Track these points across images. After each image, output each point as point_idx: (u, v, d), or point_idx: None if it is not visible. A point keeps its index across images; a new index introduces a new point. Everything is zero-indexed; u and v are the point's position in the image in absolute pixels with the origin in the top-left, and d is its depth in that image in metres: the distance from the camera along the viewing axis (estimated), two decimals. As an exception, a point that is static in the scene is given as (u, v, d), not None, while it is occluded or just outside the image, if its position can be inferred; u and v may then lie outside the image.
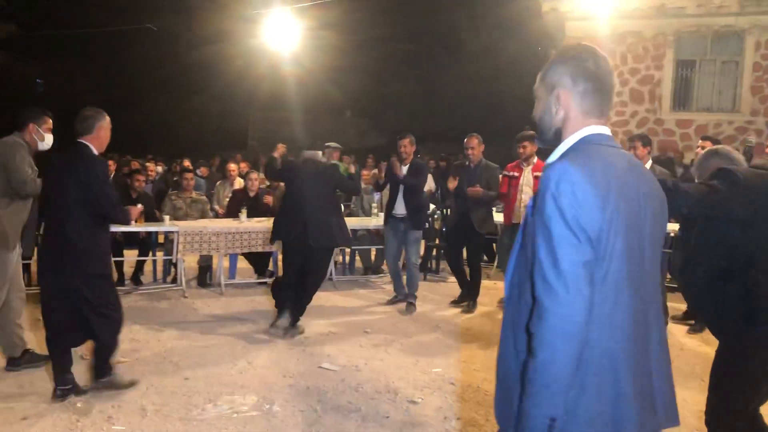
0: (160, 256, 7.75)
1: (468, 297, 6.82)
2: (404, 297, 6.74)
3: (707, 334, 4.73)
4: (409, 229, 6.57)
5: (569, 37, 14.93)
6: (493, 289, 7.53)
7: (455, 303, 6.90)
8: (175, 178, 10.60)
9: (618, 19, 14.34)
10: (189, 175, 7.81)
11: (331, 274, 7.68)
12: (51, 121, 4.59)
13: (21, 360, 4.65)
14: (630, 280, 1.61)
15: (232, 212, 7.71)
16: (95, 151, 4.06)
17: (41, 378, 4.48)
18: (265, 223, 7.22)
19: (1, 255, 4.40)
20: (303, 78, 23.71)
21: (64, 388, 4.09)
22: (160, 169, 12.82)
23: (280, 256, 8.10)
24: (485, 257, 9.00)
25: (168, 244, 7.43)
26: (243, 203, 7.63)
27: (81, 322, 4.06)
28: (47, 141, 4.55)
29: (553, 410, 1.52)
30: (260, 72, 23.68)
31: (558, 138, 1.79)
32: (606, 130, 1.77)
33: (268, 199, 7.91)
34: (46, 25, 24.03)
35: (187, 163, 9.94)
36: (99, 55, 25.36)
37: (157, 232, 7.52)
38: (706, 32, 13.93)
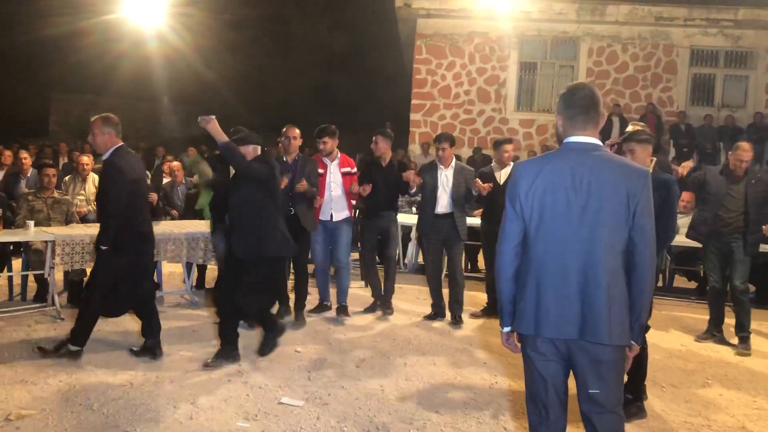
0: (17, 268, 6.30)
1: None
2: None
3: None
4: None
5: (419, 34, 15.02)
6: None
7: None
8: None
9: (467, 19, 14.69)
10: (51, 171, 6.39)
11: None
12: None
13: None
14: (545, 232, 2.44)
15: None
16: None
17: None
18: (159, 228, 6.18)
19: None
20: (114, 60, 21.54)
21: None
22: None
23: (165, 268, 7.05)
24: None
25: (32, 254, 6.04)
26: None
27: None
28: None
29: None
30: (62, 51, 21.05)
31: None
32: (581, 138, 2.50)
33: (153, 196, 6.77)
34: None
35: (24, 153, 8.16)
36: None
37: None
38: (546, 36, 14.77)
